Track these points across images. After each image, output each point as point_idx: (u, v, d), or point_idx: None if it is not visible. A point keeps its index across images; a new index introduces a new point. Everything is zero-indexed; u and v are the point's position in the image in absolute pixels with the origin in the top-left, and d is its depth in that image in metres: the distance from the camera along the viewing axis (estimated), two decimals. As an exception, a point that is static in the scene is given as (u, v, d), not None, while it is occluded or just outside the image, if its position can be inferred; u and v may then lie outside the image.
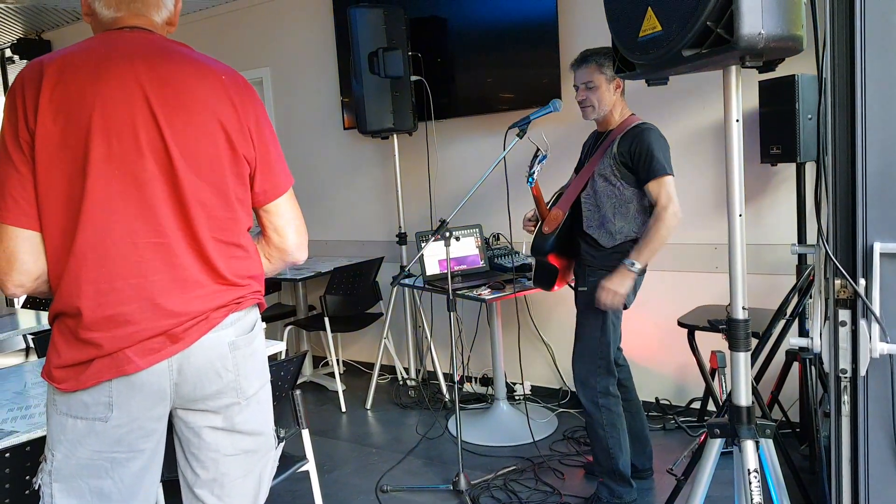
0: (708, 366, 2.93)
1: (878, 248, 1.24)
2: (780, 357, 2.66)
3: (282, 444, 1.52)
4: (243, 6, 4.60)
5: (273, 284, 4.31)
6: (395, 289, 3.76)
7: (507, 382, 3.54)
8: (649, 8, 1.50)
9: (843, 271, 1.24)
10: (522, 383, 3.68)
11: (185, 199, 1.27)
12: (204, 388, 1.32)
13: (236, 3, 4.62)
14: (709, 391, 3.02)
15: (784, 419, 2.90)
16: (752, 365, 2.59)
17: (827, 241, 1.30)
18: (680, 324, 2.88)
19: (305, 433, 2.07)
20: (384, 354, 3.86)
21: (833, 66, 1.31)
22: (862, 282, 1.26)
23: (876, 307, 1.23)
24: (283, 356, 3.00)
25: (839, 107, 1.29)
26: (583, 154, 2.65)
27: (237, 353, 1.35)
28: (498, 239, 3.56)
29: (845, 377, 1.25)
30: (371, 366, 3.99)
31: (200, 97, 1.29)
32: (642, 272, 2.32)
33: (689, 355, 2.92)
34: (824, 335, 1.30)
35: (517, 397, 3.66)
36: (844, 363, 1.25)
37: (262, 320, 1.50)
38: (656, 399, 3.34)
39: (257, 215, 1.44)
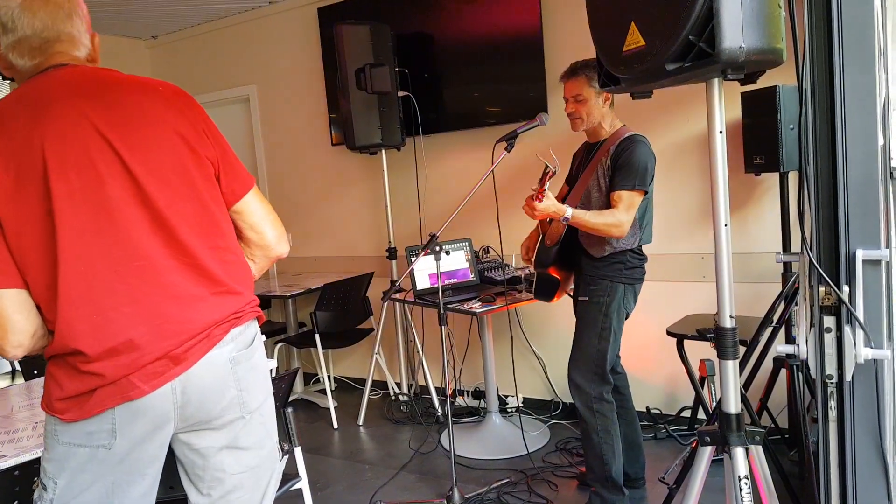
0: (697, 374, 2.95)
1: (860, 255, 1.26)
2: (767, 364, 2.68)
3: (285, 458, 1.51)
4: (229, 24, 4.62)
5: (262, 302, 4.29)
6: (385, 304, 3.76)
7: (499, 395, 3.54)
8: (633, 23, 1.53)
9: (827, 279, 1.27)
10: (516, 395, 3.68)
11: (163, 214, 1.26)
12: (208, 407, 1.31)
13: (221, 21, 4.63)
14: (699, 399, 3.04)
15: (773, 425, 2.92)
16: (741, 372, 2.62)
17: (810, 249, 1.32)
18: (669, 333, 2.90)
19: (298, 451, 2.06)
20: (376, 370, 3.84)
21: (813, 78, 1.35)
22: (846, 288, 1.28)
23: (860, 313, 1.26)
24: (273, 374, 2.98)
25: (819, 117, 1.33)
26: (573, 166, 2.69)
27: (238, 368, 1.34)
28: (488, 252, 3.58)
29: (832, 383, 1.27)
30: (363, 382, 3.97)
31: (148, 111, 1.29)
32: (565, 220, 2.33)
33: (679, 364, 2.94)
34: (810, 342, 1.32)
35: (509, 410, 3.65)
36: (830, 369, 1.27)
37: (255, 335, 1.50)
38: (647, 408, 3.35)
39: (231, 219, 1.43)
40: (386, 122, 3.70)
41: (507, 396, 3.69)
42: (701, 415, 3.11)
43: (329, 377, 4.06)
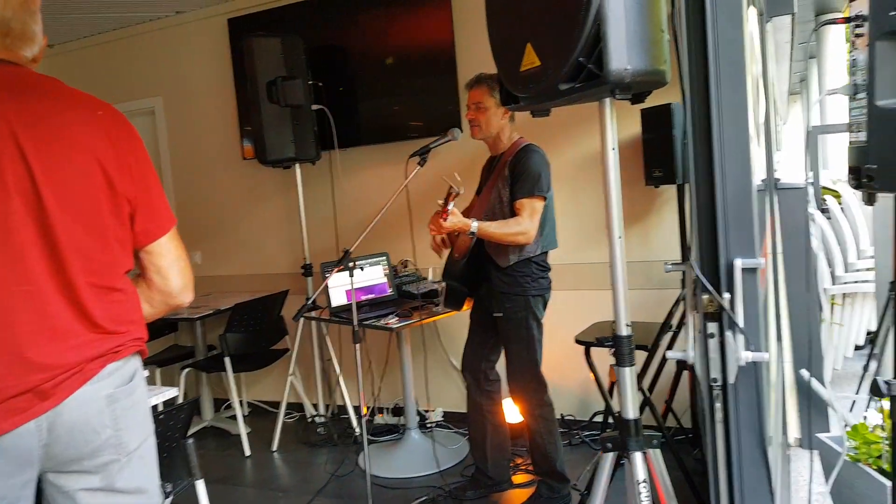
0: (607, 380, 3.04)
1: (739, 264, 1.35)
2: (671, 367, 2.81)
3: (169, 501, 1.42)
4: (133, 34, 4.41)
5: (169, 325, 4.08)
6: (301, 322, 3.67)
7: (419, 411, 3.52)
8: (528, 44, 1.58)
9: (709, 287, 1.34)
10: (428, 411, 3.65)
11: (58, 243, 1.19)
12: (79, 447, 1.21)
13: (125, 31, 4.42)
14: (608, 405, 3.13)
15: (678, 426, 3.06)
16: (646, 375, 2.74)
17: (695, 259, 1.40)
18: (577, 341, 2.98)
19: (200, 483, 1.95)
20: (292, 392, 3.73)
21: (693, 98, 1.43)
22: (727, 296, 1.36)
23: (740, 319, 1.34)
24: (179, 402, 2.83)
25: (699, 134, 1.41)
26: (482, 179, 2.75)
27: (116, 405, 1.25)
28: (406, 266, 3.57)
29: (716, 386, 1.34)
30: (279, 405, 3.84)
31: (76, 134, 1.22)
32: (472, 231, 2.43)
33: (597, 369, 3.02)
34: (697, 347, 1.39)
35: (429, 425, 3.64)
36: (715, 373, 1.34)
37: (157, 364, 1.42)
38: (562, 415, 3.43)
39: (137, 257, 1.35)
40: (299, 135, 3.64)
41: (427, 411, 3.68)
42: (612, 420, 3.21)
43: (242, 402, 3.91)
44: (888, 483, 1.73)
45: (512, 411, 2.91)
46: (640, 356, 2.82)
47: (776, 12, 2.83)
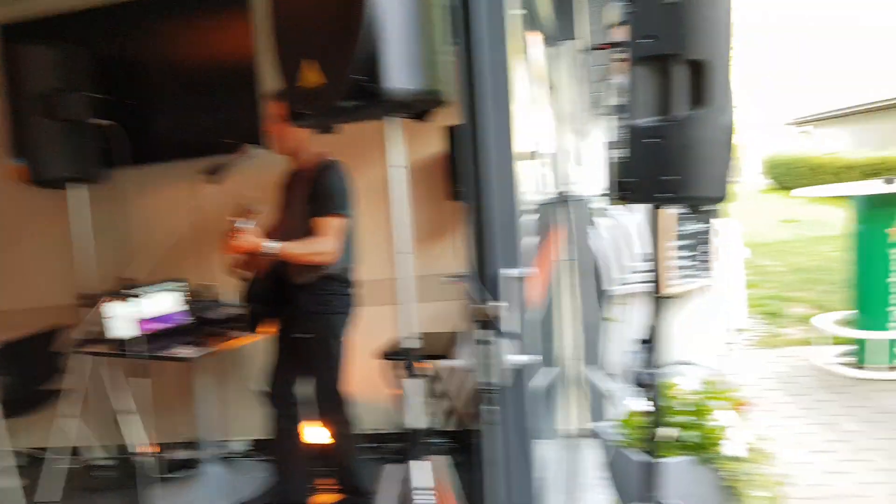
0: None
1: (504, 274, 1.45)
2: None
3: None
4: None
5: None
6: (80, 358, 3.25)
7: (221, 441, 3.29)
8: (311, 61, 1.58)
9: (477, 296, 1.43)
10: (229, 441, 3.45)
11: None
12: None
13: None
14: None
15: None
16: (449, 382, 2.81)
17: (469, 271, 1.48)
18: (379, 355, 3.01)
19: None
20: (71, 434, 3.27)
21: (464, 119, 1.52)
22: (497, 304, 1.45)
23: (508, 325, 1.43)
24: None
25: (469, 154, 1.50)
26: (281, 194, 2.68)
27: None
28: (205, 291, 3.34)
29: (490, 389, 1.43)
30: (58, 451, 3.36)
31: None
32: (270, 252, 2.35)
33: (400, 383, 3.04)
34: (474, 353, 1.46)
35: (229, 456, 3.41)
36: (488, 377, 1.42)
37: None
38: (373, 431, 3.40)
39: None
40: (80, 153, 3.27)
41: (228, 441, 3.45)
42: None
43: (13, 451, 3.35)
44: (651, 459, 1.96)
45: (315, 432, 2.83)
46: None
47: (563, 38, 3.09)
